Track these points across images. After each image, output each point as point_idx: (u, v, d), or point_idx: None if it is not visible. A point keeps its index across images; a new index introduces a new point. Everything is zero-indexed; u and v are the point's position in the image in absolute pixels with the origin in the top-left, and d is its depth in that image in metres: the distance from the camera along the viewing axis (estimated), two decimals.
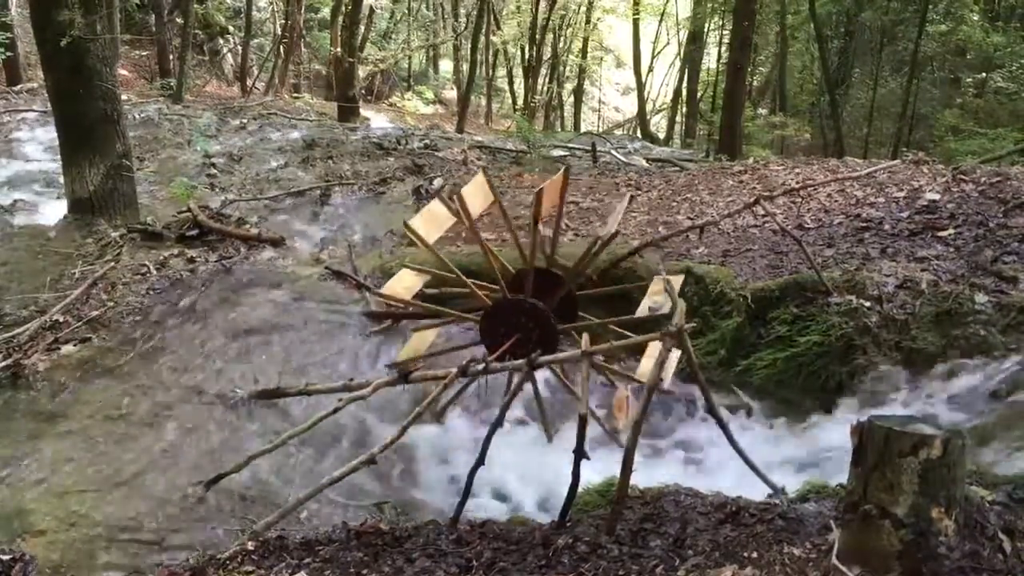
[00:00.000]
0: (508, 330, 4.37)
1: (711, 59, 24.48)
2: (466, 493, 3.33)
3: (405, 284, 4.72)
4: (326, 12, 23.82)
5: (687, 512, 3.00)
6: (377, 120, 19.00)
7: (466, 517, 3.34)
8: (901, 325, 4.53)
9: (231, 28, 23.11)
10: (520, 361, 3.77)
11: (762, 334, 4.90)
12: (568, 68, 29.96)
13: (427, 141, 12.65)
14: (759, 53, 21.71)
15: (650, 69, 30.16)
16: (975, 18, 16.09)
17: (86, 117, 7.34)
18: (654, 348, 4.22)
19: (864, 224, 6.28)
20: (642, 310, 4.21)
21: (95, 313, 5.94)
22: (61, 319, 5.81)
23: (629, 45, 27.90)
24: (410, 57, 28.49)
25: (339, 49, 18.10)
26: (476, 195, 4.41)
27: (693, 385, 4.52)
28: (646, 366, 4.31)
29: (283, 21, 22.27)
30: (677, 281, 4.47)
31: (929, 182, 7.11)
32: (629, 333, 4.39)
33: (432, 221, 4.37)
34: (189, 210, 7.68)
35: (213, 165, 10.49)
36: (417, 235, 4.16)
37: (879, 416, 2.19)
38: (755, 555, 2.46)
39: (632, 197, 6.33)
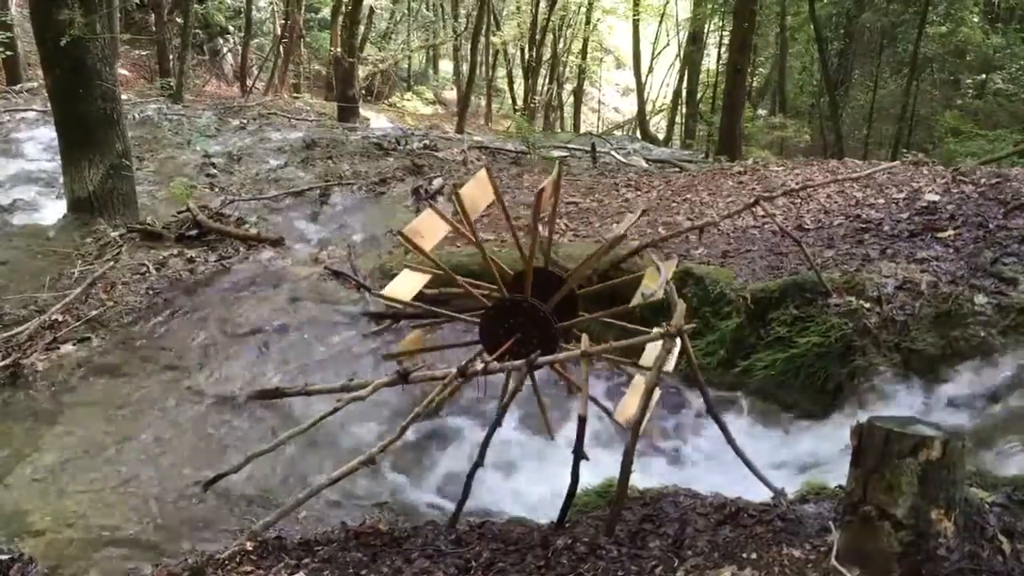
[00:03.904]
0: (508, 330, 4.36)
1: (711, 60, 24.49)
2: (465, 494, 3.32)
3: (408, 284, 4.69)
4: (326, 12, 23.85)
5: (686, 513, 2.99)
6: (377, 120, 19.03)
7: (465, 518, 3.33)
8: (901, 326, 4.52)
9: (231, 28, 23.13)
10: (520, 362, 3.76)
11: (762, 335, 4.89)
12: (568, 69, 29.99)
13: (427, 141, 12.66)
14: (759, 54, 21.72)
15: (650, 70, 30.20)
16: (975, 20, 16.11)
17: (86, 117, 7.34)
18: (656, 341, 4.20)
19: (864, 225, 6.28)
20: (636, 299, 4.20)
21: (94, 313, 5.94)
22: (60, 319, 5.81)
23: (629, 46, 27.94)
24: (410, 57, 28.53)
25: (339, 49, 18.11)
26: (477, 194, 4.37)
27: (693, 386, 4.53)
28: (650, 353, 4.29)
29: (283, 21, 22.28)
30: (669, 267, 4.44)
31: (929, 183, 7.10)
32: (628, 325, 4.38)
33: (428, 228, 4.34)
34: (188, 210, 7.68)
35: (213, 165, 10.49)
36: (413, 244, 4.15)
37: (879, 417, 2.19)
38: (754, 556, 2.45)
39: (644, 211, 6.32)
